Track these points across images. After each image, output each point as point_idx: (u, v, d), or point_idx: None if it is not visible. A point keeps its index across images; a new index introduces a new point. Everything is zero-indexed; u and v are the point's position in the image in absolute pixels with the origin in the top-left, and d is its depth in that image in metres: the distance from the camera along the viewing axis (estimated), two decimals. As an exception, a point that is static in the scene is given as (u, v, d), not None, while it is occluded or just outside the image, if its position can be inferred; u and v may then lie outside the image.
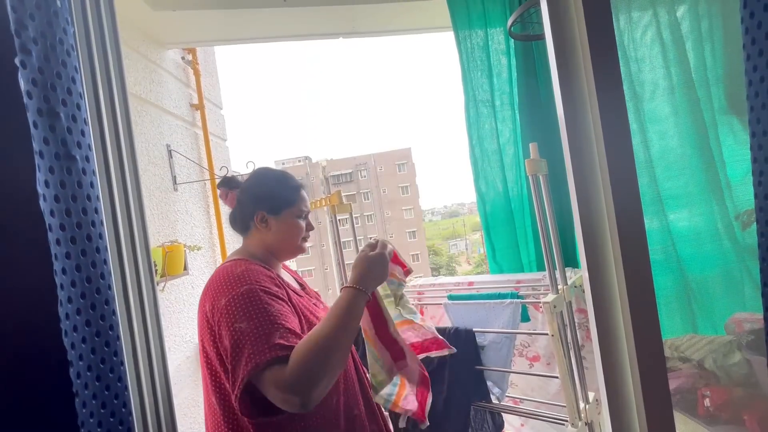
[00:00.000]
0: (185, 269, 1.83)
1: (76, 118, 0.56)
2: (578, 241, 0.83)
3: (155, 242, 1.75)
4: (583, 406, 1.40)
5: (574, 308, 1.52)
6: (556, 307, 1.35)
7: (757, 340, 1.39)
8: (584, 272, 0.83)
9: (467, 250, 44.01)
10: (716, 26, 1.55)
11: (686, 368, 1.49)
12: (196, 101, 2.31)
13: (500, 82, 2.08)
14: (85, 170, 0.56)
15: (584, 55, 0.79)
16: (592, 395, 1.46)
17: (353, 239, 1.90)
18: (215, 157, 2.36)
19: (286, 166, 33.81)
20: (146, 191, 1.77)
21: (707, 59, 1.55)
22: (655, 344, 0.78)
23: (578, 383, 1.40)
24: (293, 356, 0.80)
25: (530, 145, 1.43)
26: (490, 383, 1.49)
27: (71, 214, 0.52)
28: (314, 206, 1.80)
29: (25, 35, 0.50)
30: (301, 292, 1.08)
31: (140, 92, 1.82)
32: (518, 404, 1.66)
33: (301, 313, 0.96)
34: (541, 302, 1.38)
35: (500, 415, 1.50)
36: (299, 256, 1.12)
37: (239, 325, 0.83)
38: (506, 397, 1.54)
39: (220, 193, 1.10)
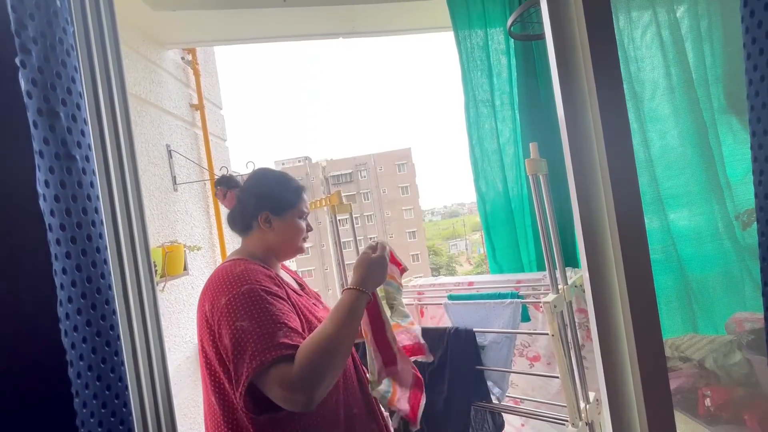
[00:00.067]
0: (185, 269, 1.83)
1: (76, 117, 0.56)
2: (578, 240, 0.83)
3: (155, 242, 1.75)
4: (583, 405, 1.39)
5: (574, 308, 1.52)
6: (556, 306, 1.35)
7: (757, 339, 1.39)
8: (584, 272, 0.83)
9: (467, 250, 43.99)
10: (716, 25, 1.55)
11: (687, 368, 1.49)
12: (195, 101, 2.31)
13: (500, 81, 2.08)
14: (85, 170, 0.56)
15: (584, 54, 0.79)
16: (592, 395, 1.46)
17: (353, 239, 1.90)
18: (215, 157, 2.36)
19: (286, 166, 33.80)
20: (146, 191, 1.77)
21: (707, 58, 1.55)
22: (655, 344, 0.78)
23: (579, 383, 1.40)
24: (299, 356, 0.81)
25: (530, 144, 1.43)
26: (490, 383, 1.49)
27: (71, 213, 0.52)
28: (314, 206, 1.80)
29: (25, 35, 0.50)
30: (300, 291, 1.08)
31: (140, 92, 1.82)
32: (519, 404, 1.66)
33: (300, 312, 0.96)
34: (541, 302, 1.38)
35: (500, 415, 1.50)
36: (298, 256, 1.13)
37: (241, 323, 0.83)
38: (507, 397, 1.54)
39: (217, 191, 1.08)
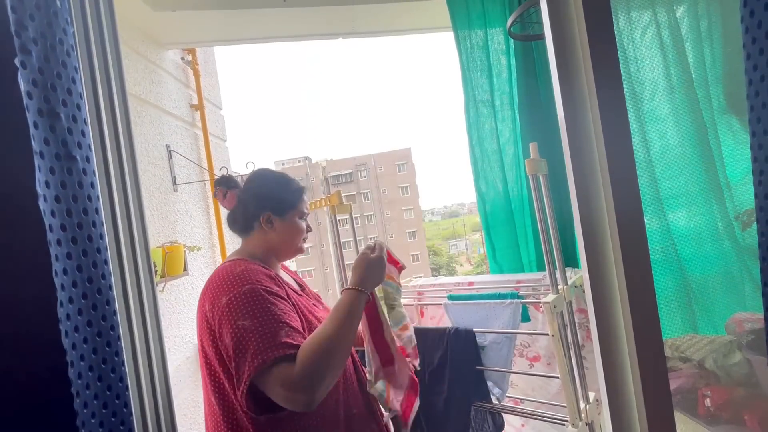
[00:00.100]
0: (185, 270, 1.83)
1: (76, 118, 0.56)
2: (578, 241, 0.83)
3: (155, 243, 1.75)
4: (583, 406, 1.39)
5: (574, 308, 1.51)
6: (556, 307, 1.35)
7: (757, 340, 1.39)
8: (584, 272, 0.83)
9: (467, 250, 43.97)
10: (715, 26, 1.55)
11: (687, 368, 1.49)
12: (195, 102, 2.31)
13: (500, 82, 2.08)
14: (85, 171, 0.56)
15: (584, 55, 0.79)
16: (592, 395, 1.46)
17: (353, 239, 1.90)
18: (215, 157, 2.36)
19: (285, 166, 33.79)
20: (146, 192, 1.77)
21: (707, 59, 1.55)
22: (655, 344, 0.78)
23: (579, 383, 1.40)
24: (300, 355, 0.81)
25: (530, 145, 1.43)
26: (490, 383, 1.49)
27: (72, 214, 0.52)
28: (314, 206, 1.80)
29: (25, 36, 0.50)
30: (300, 292, 1.08)
31: (140, 93, 1.82)
32: (519, 404, 1.66)
33: (300, 312, 0.96)
34: (541, 302, 1.37)
35: (501, 415, 1.50)
36: (297, 256, 1.14)
37: (242, 322, 0.83)
38: (507, 397, 1.54)
39: (216, 192, 1.08)
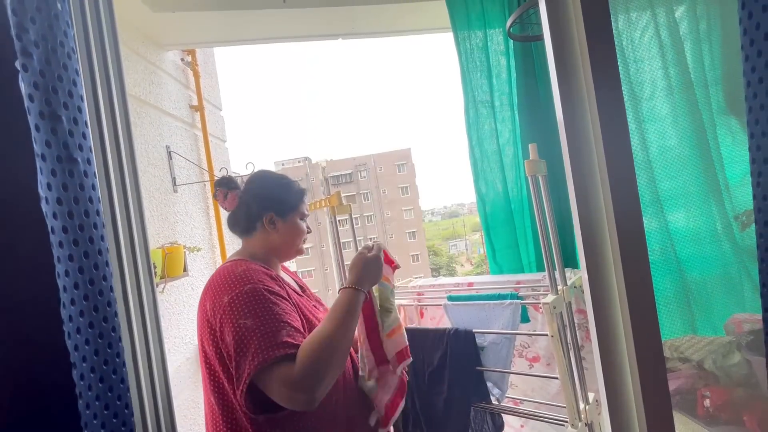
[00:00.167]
0: (185, 270, 1.83)
1: (77, 120, 0.56)
2: (577, 241, 0.83)
3: (155, 244, 1.75)
4: (583, 406, 1.40)
5: (573, 309, 1.52)
6: (555, 307, 1.35)
7: (756, 340, 1.39)
8: (583, 273, 0.83)
9: (467, 250, 43.95)
10: (714, 27, 1.55)
11: (686, 369, 1.49)
12: (195, 102, 2.31)
13: (499, 82, 2.08)
14: (86, 173, 0.56)
15: (583, 55, 0.80)
16: (592, 396, 1.47)
17: (353, 240, 1.90)
18: (215, 158, 2.36)
19: (285, 166, 33.77)
20: (146, 193, 1.77)
21: (705, 60, 1.55)
22: (654, 345, 0.78)
23: (578, 384, 1.40)
24: (300, 355, 0.81)
25: (529, 146, 1.43)
26: (490, 384, 1.49)
27: (74, 216, 0.52)
28: (314, 207, 1.80)
29: (26, 38, 0.50)
30: (301, 293, 1.08)
31: (140, 94, 1.82)
32: (518, 405, 1.66)
33: (301, 312, 0.96)
34: (540, 303, 1.38)
35: (500, 415, 1.50)
36: (297, 257, 1.14)
37: (244, 321, 0.84)
38: (506, 397, 1.54)
39: (216, 192, 1.08)
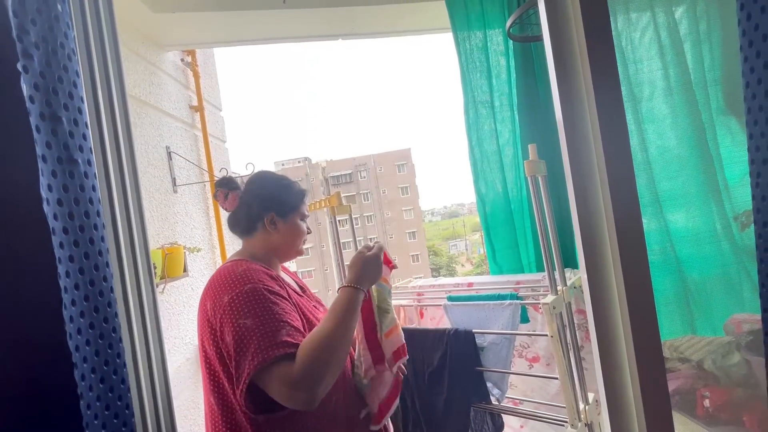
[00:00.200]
0: (185, 271, 1.83)
1: (77, 122, 0.56)
2: (577, 242, 0.83)
3: (155, 244, 1.75)
4: (582, 406, 1.40)
5: (573, 309, 1.52)
6: (555, 308, 1.35)
7: (756, 340, 1.39)
8: (583, 273, 0.83)
9: (467, 250, 43.94)
10: (714, 27, 1.55)
11: (685, 369, 1.49)
12: (195, 103, 2.31)
13: (499, 83, 2.08)
14: (87, 174, 0.56)
15: (582, 56, 0.80)
16: (591, 396, 1.47)
17: (353, 240, 1.90)
18: (215, 158, 2.36)
19: (285, 167, 33.77)
20: (146, 193, 1.77)
21: (705, 60, 1.55)
22: (654, 345, 0.78)
23: (578, 384, 1.40)
24: (300, 354, 0.81)
25: (529, 146, 1.43)
26: (489, 384, 1.49)
27: (74, 217, 0.52)
28: (314, 207, 1.80)
29: (26, 40, 0.50)
30: (301, 293, 1.08)
31: (140, 94, 1.82)
32: (518, 405, 1.66)
33: (301, 313, 0.96)
34: (540, 303, 1.38)
35: (500, 416, 1.50)
36: (297, 258, 1.14)
37: (244, 321, 0.84)
38: (506, 398, 1.55)
39: (217, 193, 1.07)
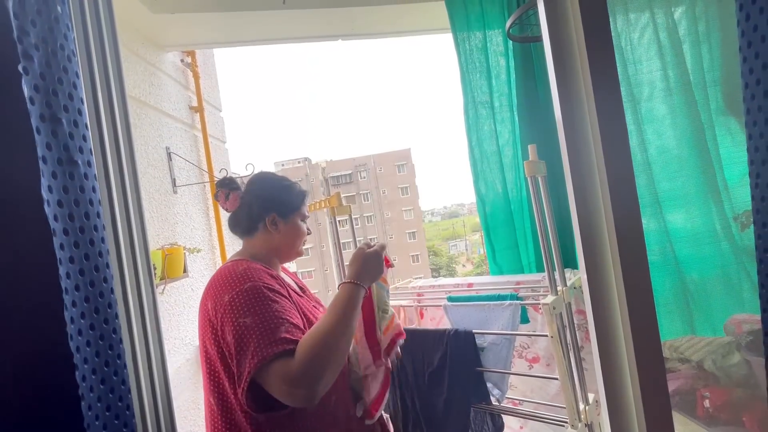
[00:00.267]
0: (185, 272, 1.83)
1: (77, 123, 0.56)
2: (577, 242, 0.83)
3: (155, 245, 1.75)
4: (582, 407, 1.40)
5: (573, 309, 1.52)
6: (555, 308, 1.35)
7: (756, 341, 1.39)
8: (583, 274, 0.83)
9: (467, 250, 43.94)
10: (713, 28, 1.55)
11: (685, 369, 1.49)
12: (195, 104, 2.31)
13: (499, 83, 2.08)
14: (87, 175, 0.56)
15: (582, 57, 0.80)
16: (591, 396, 1.47)
17: (353, 240, 1.91)
18: (215, 159, 2.36)
19: (285, 167, 33.78)
20: (146, 194, 1.77)
21: (705, 60, 1.55)
22: (653, 345, 0.78)
23: (578, 384, 1.40)
24: (299, 350, 0.81)
25: (529, 146, 1.44)
26: (490, 385, 1.49)
27: (74, 218, 0.52)
28: (314, 208, 1.81)
29: (27, 41, 0.50)
30: (301, 293, 1.08)
31: (139, 95, 1.82)
32: (518, 406, 1.66)
33: (301, 312, 0.96)
34: (540, 304, 1.38)
35: (500, 416, 1.50)
36: (296, 258, 1.14)
37: (244, 320, 0.84)
38: (506, 398, 1.55)
39: (218, 193, 1.07)
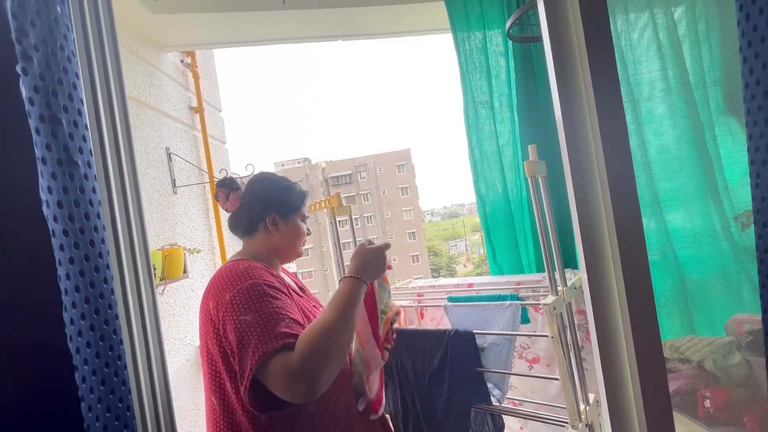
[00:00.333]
0: (185, 272, 1.83)
1: (77, 123, 0.56)
2: (577, 242, 0.83)
3: (155, 245, 1.75)
4: (583, 407, 1.40)
5: (573, 309, 1.52)
6: (555, 308, 1.35)
7: (756, 341, 1.39)
8: (583, 274, 0.83)
9: (467, 250, 43.95)
10: (713, 28, 1.55)
11: (686, 369, 1.49)
12: (195, 104, 2.31)
13: (499, 83, 2.08)
14: (87, 176, 0.56)
15: (582, 57, 0.80)
16: (592, 396, 1.46)
17: (353, 241, 1.91)
18: (214, 159, 2.36)
19: (285, 167, 33.78)
20: (146, 194, 1.77)
21: (704, 61, 1.55)
22: (654, 345, 0.78)
23: (578, 385, 1.40)
24: (299, 344, 0.81)
25: (529, 147, 1.43)
26: (490, 385, 1.49)
27: (74, 219, 0.52)
28: (314, 208, 1.80)
29: (26, 42, 0.50)
30: (301, 293, 1.08)
31: (139, 95, 1.82)
32: (518, 406, 1.66)
33: (301, 311, 0.96)
34: (540, 304, 1.38)
35: (500, 417, 1.50)
36: (296, 259, 1.15)
37: (244, 317, 0.84)
38: (506, 398, 1.54)
39: (218, 193, 1.07)
